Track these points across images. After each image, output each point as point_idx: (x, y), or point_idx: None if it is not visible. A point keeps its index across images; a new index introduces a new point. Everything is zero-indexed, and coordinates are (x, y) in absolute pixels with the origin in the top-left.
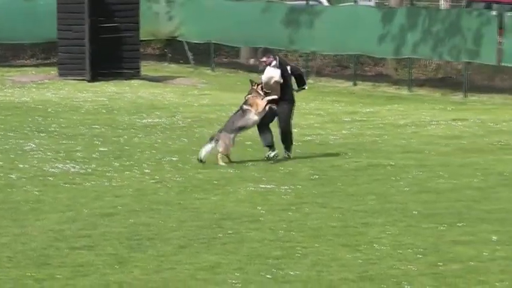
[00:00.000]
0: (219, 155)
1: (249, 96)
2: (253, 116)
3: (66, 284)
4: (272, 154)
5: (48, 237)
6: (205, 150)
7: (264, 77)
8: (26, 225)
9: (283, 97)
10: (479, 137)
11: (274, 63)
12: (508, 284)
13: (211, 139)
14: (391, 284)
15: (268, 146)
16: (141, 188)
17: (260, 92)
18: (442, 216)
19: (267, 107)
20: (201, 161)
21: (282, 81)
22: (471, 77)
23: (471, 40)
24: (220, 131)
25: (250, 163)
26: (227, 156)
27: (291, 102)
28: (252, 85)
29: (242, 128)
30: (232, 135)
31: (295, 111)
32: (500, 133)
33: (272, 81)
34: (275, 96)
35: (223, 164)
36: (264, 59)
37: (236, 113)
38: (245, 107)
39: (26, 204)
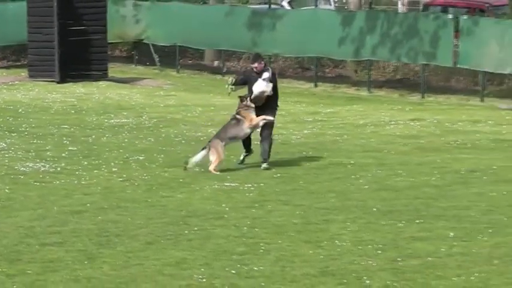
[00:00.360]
0: (213, 166)
1: (240, 110)
2: (246, 129)
3: (36, 280)
4: (241, 158)
5: (19, 233)
6: (196, 158)
7: (256, 91)
8: None
9: (269, 105)
10: (436, 136)
11: (267, 76)
12: (465, 278)
13: (203, 148)
14: (351, 279)
15: (246, 152)
16: (109, 186)
17: (251, 105)
18: (400, 213)
19: (261, 123)
20: (185, 168)
21: (272, 94)
22: (428, 78)
23: (428, 43)
24: (211, 139)
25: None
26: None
27: (275, 110)
28: (241, 101)
29: (233, 138)
30: (223, 143)
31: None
32: (456, 133)
33: (264, 95)
34: (272, 118)
35: (217, 172)
36: (256, 64)
37: (230, 122)
38: (239, 117)
39: None
